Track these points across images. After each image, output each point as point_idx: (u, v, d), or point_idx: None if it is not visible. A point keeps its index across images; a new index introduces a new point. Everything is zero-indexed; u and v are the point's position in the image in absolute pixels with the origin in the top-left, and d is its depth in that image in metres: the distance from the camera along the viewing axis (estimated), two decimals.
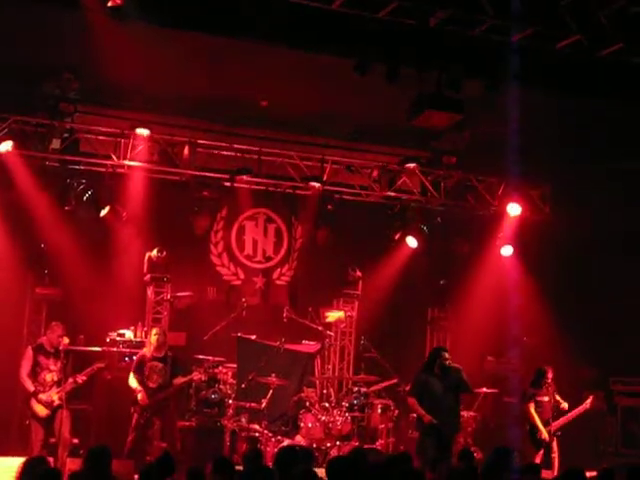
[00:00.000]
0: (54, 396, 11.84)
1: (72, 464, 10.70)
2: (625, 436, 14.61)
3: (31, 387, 11.85)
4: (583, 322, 15.00)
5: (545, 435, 12.49)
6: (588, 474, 8.09)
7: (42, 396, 11.83)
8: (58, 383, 11.88)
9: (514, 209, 15.29)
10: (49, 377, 11.93)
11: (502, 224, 15.62)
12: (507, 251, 15.57)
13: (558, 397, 12.76)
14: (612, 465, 10.88)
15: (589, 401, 12.77)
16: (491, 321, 15.02)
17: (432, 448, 11.36)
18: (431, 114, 11.44)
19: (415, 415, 12.29)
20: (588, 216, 14.59)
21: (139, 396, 12.34)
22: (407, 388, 13.60)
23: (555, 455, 12.52)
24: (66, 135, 13.64)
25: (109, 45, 11.08)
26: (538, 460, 12.11)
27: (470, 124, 13.74)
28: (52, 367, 11.95)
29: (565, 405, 12.73)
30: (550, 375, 12.73)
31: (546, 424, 12.57)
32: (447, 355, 11.95)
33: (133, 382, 12.47)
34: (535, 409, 12.67)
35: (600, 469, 8.05)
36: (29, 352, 12.02)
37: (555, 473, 11.84)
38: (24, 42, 11.58)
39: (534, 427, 12.59)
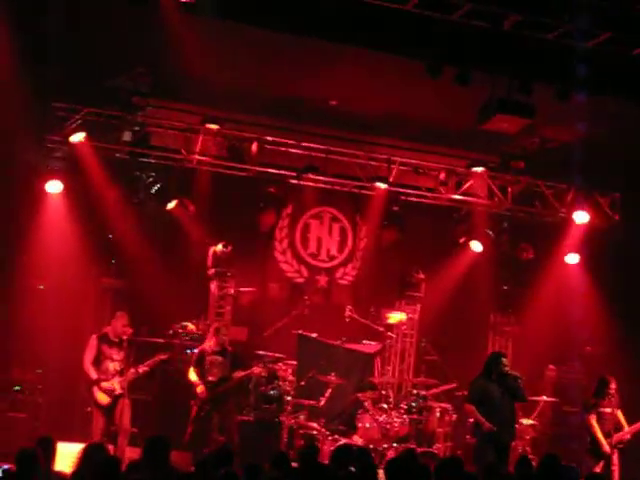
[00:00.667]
0: (116, 385, 11.97)
1: (131, 453, 10.86)
2: None
3: (94, 375, 12.00)
4: None
5: (606, 448, 12.28)
6: None
7: (104, 384, 11.98)
8: (120, 372, 12.01)
9: (581, 216, 15.11)
10: (112, 366, 12.06)
11: (569, 231, 15.44)
12: (573, 259, 15.40)
13: (619, 412, 12.54)
14: None
15: None
16: (554, 329, 14.88)
17: (490, 455, 11.25)
18: (501, 118, 11.36)
19: (472, 420, 12.16)
20: None
21: (199, 389, 12.45)
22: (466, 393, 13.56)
23: (615, 468, 12.31)
24: (137, 128, 13.78)
25: (182, 40, 11.19)
26: (598, 471, 11.94)
27: (540, 129, 13.61)
28: (115, 356, 12.08)
29: (622, 419, 12.52)
30: (613, 385, 12.53)
31: (607, 436, 12.36)
32: (505, 361, 11.81)
33: (193, 376, 12.58)
34: (597, 420, 12.49)
35: None
36: (93, 341, 12.16)
37: None
38: (100, 36, 11.72)
39: (595, 439, 12.40)
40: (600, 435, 12.33)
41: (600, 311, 14.83)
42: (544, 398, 14.32)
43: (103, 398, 11.98)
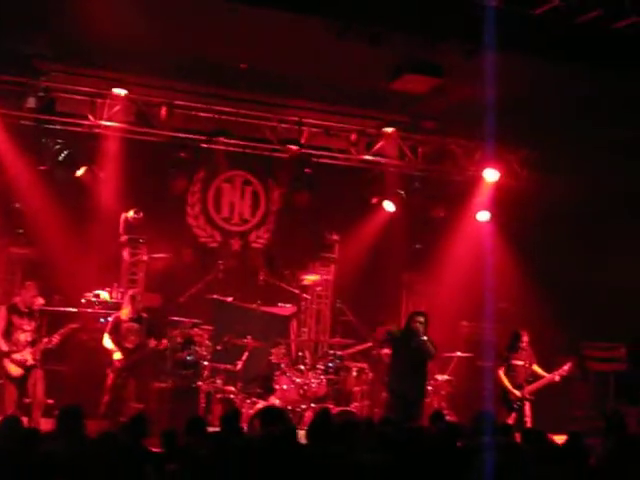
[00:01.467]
0: (28, 356, 11.79)
1: (46, 424, 10.72)
2: (596, 401, 14.75)
3: (4, 347, 11.79)
4: (556, 288, 15.11)
5: (516, 395, 12.58)
6: (558, 438, 8.20)
7: (16, 356, 11.78)
8: (32, 343, 11.83)
9: (491, 174, 15.32)
10: (23, 337, 11.86)
11: (479, 189, 15.65)
12: (484, 216, 15.62)
13: (536, 366, 12.83)
14: (583, 429, 11.02)
15: (566, 368, 12.84)
16: (466, 286, 15.09)
17: (398, 410, 11.57)
18: (411, 78, 11.44)
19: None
20: (563, 181, 14.64)
21: (116, 355, 12.30)
22: (382, 351, 13.75)
23: (528, 419, 12.63)
24: (42, 94, 13.51)
25: (86, 2, 10.97)
26: (511, 422, 12.23)
27: (449, 88, 13.70)
28: (26, 327, 11.88)
29: (541, 372, 12.83)
30: (525, 339, 12.83)
31: (519, 388, 12.67)
32: (419, 318, 12.11)
33: (109, 343, 12.44)
34: (507, 372, 12.77)
35: (569, 432, 8.13)
36: (2, 312, 11.93)
37: None
38: None
39: (504, 389, 12.70)
40: (509, 385, 12.63)
41: (512, 267, 15.08)
42: (458, 354, 14.57)
43: (15, 370, 11.79)
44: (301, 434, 7.83)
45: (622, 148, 14.37)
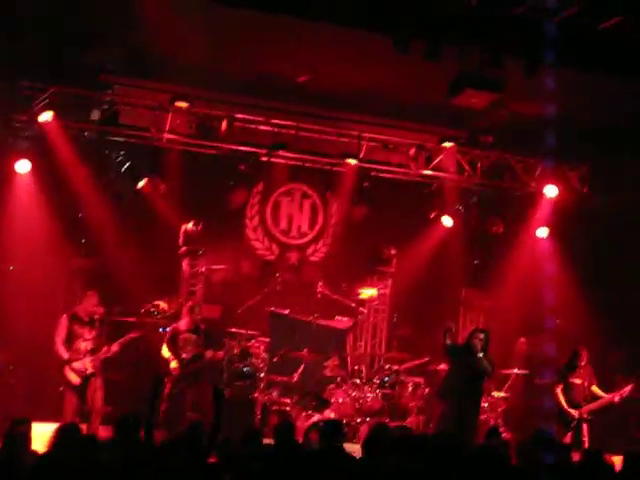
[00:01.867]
0: (87, 364, 11.94)
1: (105, 432, 10.85)
2: None
3: (65, 355, 11.96)
4: (617, 305, 14.95)
5: (571, 413, 12.44)
6: (617, 459, 8.09)
7: (76, 364, 11.94)
8: (92, 351, 11.97)
9: (551, 190, 15.20)
10: (83, 345, 12.01)
11: (538, 205, 15.54)
12: (542, 232, 15.49)
13: (595, 387, 12.68)
14: None
15: (627, 389, 12.66)
16: (524, 302, 14.98)
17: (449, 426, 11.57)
18: (471, 93, 11.39)
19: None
20: (624, 198, 14.47)
21: (172, 364, 12.44)
22: (438, 367, 13.70)
23: (585, 439, 12.47)
24: (105, 106, 13.73)
25: (151, 17, 11.13)
26: (567, 441, 12.09)
27: (509, 103, 13.65)
28: (87, 336, 12.04)
29: (600, 393, 12.67)
30: (585, 357, 12.67)
31: (576, 406, 12.51)
32: (478, 335, 12.05)
33: (166, 352, 12.58)
34: (564, 391, 12.62)
35: (626, 453, 8.02)
36: (64, 320, 12.10)
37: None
38: (67, 12, 11.62)
39: (561, 408, 12.57)
40: (564, 404, 12.49)
41: (569, 284, 14.93)
42: (515, 371, 14.45)
43: (74, 378, 11.94)
44: (356, 448, 7.85)
45: None
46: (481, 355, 11.87)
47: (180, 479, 6.17)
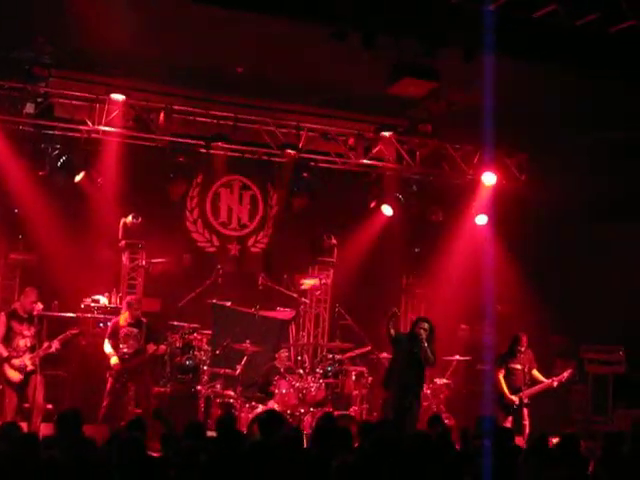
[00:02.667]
0: (27, 361, 11.81)
1: (46, 429, 10.72)
2: (595, 404, 14.77)
3: (4, 352, 11.81)
4: (555, 291, 15.17)
5: (512, 399, 12.59)
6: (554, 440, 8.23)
7: (15, 361, 11.80)
8: (32, 349, 11.84)
9: (489, 178, 15.34)
10: (22, 343, 11.88)
11: (477, 193, 15.67)
12: (482, 220, 15.63)
13: (536, 371, 12.85)
14: (582, 432, 11.04)
15: (566, 375, 12.86)
16: (465, 289, 15.12)
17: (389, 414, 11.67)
18: (408, 82, 11.46)
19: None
20: (562, 185, 14.65)
21: (112, 360, 12.30)
22: (381, 355, 13.78)
23: (526, 422, 12.65)
24: (40, 100, 13.55)
25: (84, 9, 10.99)
26: (508, 425, 12.24)
27: (446, 92, 13.72)
28: (26, 333, 11.90)
29: (540, 377, 12.85)
30: (524, 342, 12.83)
31: (517, 391, 12.68)
32: (422, 324, 12.15)
33: (108, 347, 12.45)
34: (506, 376, 12.78)
35: (564, 434, 8.15)
36: (2, 318, 11.94)
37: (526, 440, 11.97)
38: None
39: (501, 393, 12.72)
40: (505, 389, 12.65)
41: (510, 271, 15.10)
42: (457, 357, 14.60)
43: (14, 375, 11.81)
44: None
45: (621, 149, 14.38)
46: (425, 345, 11.94)
47: (125, 475, 6.10)
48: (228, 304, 14.44)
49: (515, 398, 12.61)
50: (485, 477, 6.58)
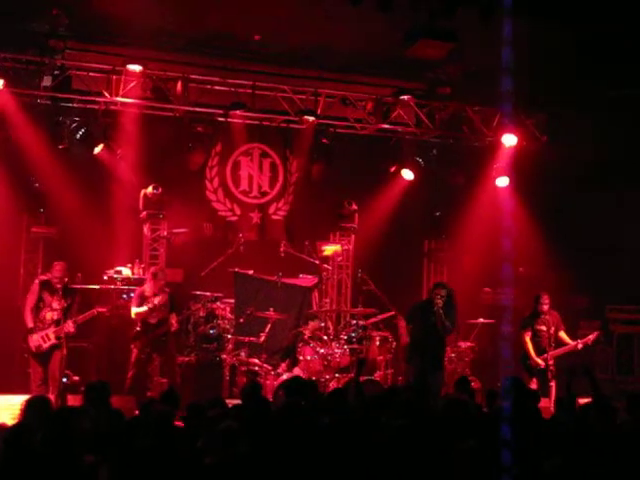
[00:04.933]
0: (51, 335, 11.90)
1: (74, 401, 10.81)
2: (620, 363, 14.73)
3: (30, 323, 11.91)
4: (578, 251, 15.07)
5: (537, 362, 12.58)
6: (583, 401, 8.20)
7: (38, 334, 11.88)
8: (57, 322, 11.92)
9: (509, 139, 15.21)
10: (49, 315, 11.96)
11: (498, 155, 15.57)
12: (503, 182, 15.53)
13: (563, 332, 12.81)
14: (608, 392, 11.01)
15: (592, 337, 12.81)
16: (487, 252, 14.97)
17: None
18: (425, 44, 11.38)
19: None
20: (584, 144, 14.53)
21: (141, 309, 12.28)
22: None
23: (552, 384, 12.63)
24: (57, 72, 13.52)
25: None
26: (534, 387, 12.23)
27: (464, 54, 13.60)
28: (55, 305, 11.98)
29: (566, 339, 12.81)
30: (546, 301, 12.76)
31: (542, 352, 12.66)
32: (440, 291, 12.18)
33: (135, 312, 12.43)
34: (532, 338, 12.76)
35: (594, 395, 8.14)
36: (35, 286, 12.05)
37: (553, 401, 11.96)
38: None
39: (526, 354, 12.71)
40: (531, 350, 12.65)
41: (531, 232, 15.03)
42: (481, 320, 14.58)
43: (38, 347, 11.90)
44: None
45: None
46: (441, 312, 11.96)
47: (152, 447, 6.13)
48: (250, 272, 14.46)
49: (541, 361, 12.59)
50: (505, 439, 6.55)
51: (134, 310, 12.45)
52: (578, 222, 15.36)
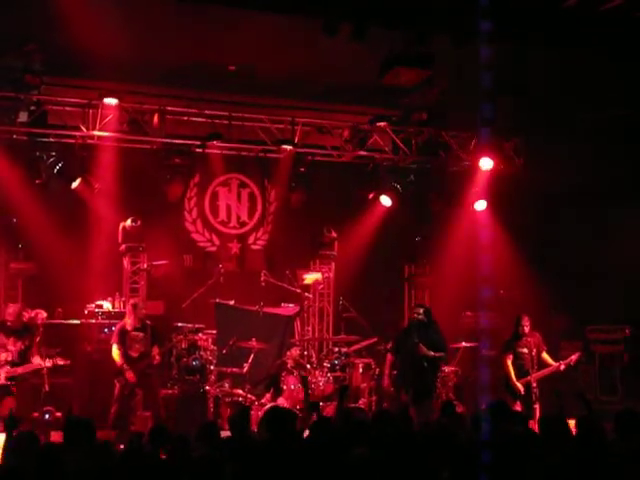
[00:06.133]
0: (2, 375, 11.71)
1: (57, 437, 10.70)
2: (602, 384, 14.76)
3: None
4: (556, 273, 15.13)
5: (518, 387, 12.54)
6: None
7: None
8: (12, 364, 11.75)
9: (486, 163, 15.30)
10: (3, 356, 11.78)
11: (475, 179, 15.65)
12: (481, 205, 15.60)
13: (545, 354, 12.79)
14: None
15: (574, 358, 12.80)
16: (467, 276, 15.03)
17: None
18: (401, 71, 11.45)
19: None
20: (561, 166, 14.63)
21: (127, 375, 12.22)
22: (387, 346, 13.75)
23: (536, 406, 12.61)
24: (33, 108, 13.50)
25: (73, 14, 10.96)
26: (518, 409, 12.21)
27: (439, 80, 13.68)
28: (10, 347, 11.84)
29: (549, 360, 12.80)
30: (526, 324, 12.75)
31: (525, 375, 12.63)
32: (418, 310, 12.29)
33: (117, 356, 12.37)
34: (514, 361, 12.75)
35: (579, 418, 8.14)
36: None
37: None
38: None
39: (508, 378, 12.69)
40: (512, 374, 12.60)
41: (510, 255, 15.09)
42: (463, 344, 14.58)
43: None
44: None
45: (620, 130, 14.33)
46: (416, 341, 12.01)
47: None
48: (232, 303, 14.42)
49: (520, 385, 12.54)
50: (485, 463, 6.53)
51: (115, 350, 12.38)
52: (556, 243, 15.43)
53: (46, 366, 11.85)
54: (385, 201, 15.59)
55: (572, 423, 7.96)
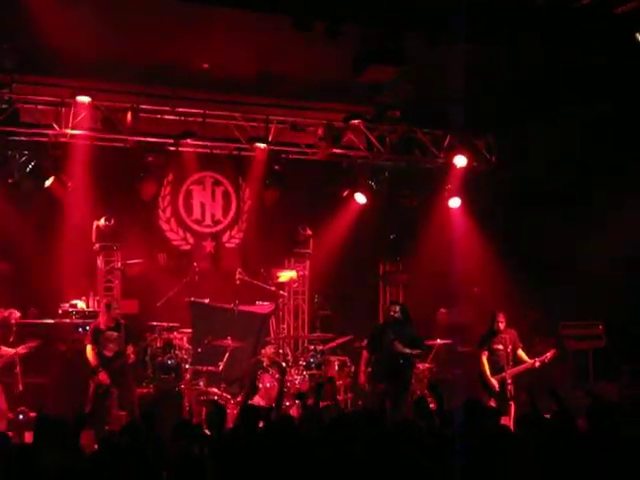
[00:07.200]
0: None
1: (31, 438, 10.64)
2: (576, 379, 14.83)
3: None
4: (532, 269, 15.19)
5: (492, 383, 12.58)
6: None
7: None
8: None
9: (460, 160, 15.36)
10: None
11: (449, 176, 15.71)
12: (455, 203, 15.66)
13: (521, 351, 12.83)
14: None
15: (549, 355, 12.85)
16: (442, 273, 15.15)
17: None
18: (374, 68, 11.46)
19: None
20: (533, 163, 14.70)
21: (101, 377, 12.16)
22: (363, 344, 13.78)
23: (512, 403, 12.65)
24: (5, 106, 13.40)
25: (44, 11, 10.89)
26: (492, 405, 12.26)
27: (412, 76, 13.71)
28: None
29: (524, 357, 12.84)
30: (501, 319, 12.77)
31: (500, 371, 12.67)
32: (393, 308, 12.35)
33: (92, 356, 12.30)
34: (489, 357, 12.79)
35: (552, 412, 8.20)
36: None
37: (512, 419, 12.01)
38: None
39: (483, 374, 12.73)
40: (487, 371, 12.64)
41: (483, 252, 15.15)
42: (438, 341, 14.61)
43: None
44: None
45: (591, 125, 14.40)
46: (392, 337, 12.06)
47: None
48: (206, 301, 14.40)
49: (495, 382, 12.57)
50: (460, 459, 6.57)
51: (89, 350, 12.33)
52: (529, 240, 15.48)
53: (19, 353, 11.81)
54: (360, 199, 15.62)
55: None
